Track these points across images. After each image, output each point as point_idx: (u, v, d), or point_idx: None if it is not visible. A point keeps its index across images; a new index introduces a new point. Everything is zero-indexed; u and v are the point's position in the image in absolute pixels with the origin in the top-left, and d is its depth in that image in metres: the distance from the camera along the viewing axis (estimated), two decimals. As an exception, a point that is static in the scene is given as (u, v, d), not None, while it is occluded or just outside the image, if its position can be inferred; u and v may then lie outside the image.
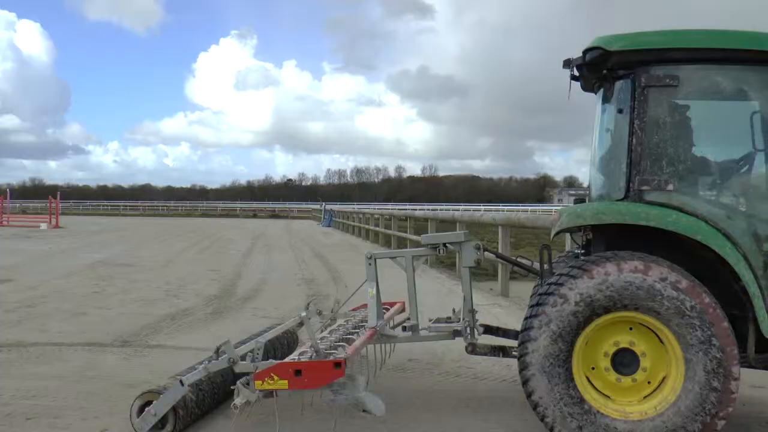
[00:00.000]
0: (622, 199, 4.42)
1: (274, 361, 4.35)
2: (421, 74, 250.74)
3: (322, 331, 5.41)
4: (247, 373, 4.29)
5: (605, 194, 4.79)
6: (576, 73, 4.86)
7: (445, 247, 5.33)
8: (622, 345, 4.18)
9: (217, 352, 4.43)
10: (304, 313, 4.70)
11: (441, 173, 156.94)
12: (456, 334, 5.21)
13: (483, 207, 65.38)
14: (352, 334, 5.19)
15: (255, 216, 74.57)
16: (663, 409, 4.01)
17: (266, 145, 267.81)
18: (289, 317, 9.02)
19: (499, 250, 11.98)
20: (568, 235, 9.38)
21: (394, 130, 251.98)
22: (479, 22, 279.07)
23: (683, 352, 3.97)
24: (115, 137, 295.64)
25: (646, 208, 4.26)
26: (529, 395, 4.14)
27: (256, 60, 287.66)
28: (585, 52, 4.61)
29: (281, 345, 5.80)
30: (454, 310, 5.53)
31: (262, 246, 24.56)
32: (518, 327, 5.52)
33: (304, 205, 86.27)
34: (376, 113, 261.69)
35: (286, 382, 4.13)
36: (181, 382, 4.32)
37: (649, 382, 4.16)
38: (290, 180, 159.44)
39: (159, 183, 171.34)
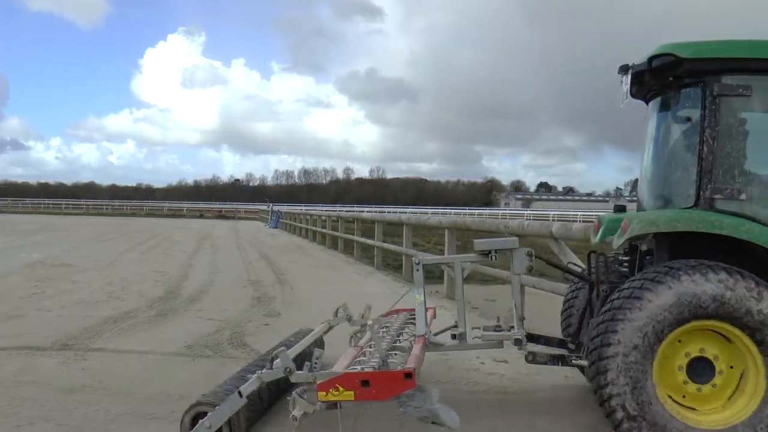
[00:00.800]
0: (690, 207, 4.40)
1: (334, 371, 4.15)
2: (370, 76, 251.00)
3: (359, 339, 5.19)
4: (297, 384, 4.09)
5: (664, 203, 4.74)
6: (629, 80, 4.75)
7: (497, 253, 5.18)
8: (717, 366, 4.16)
9: (272, 360, 4.24)
10: (370, 321, 4.48)
11: (389, 176, 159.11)
12: (517, 342, 5.03)
13: (430, 210, 65.78)
14: (397, 341, 5.03)
15: (202, 216, 73.57)
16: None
17: (213, 145, 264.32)
18: (234, 319, 9.00)
19: (446, 253, 12.12)
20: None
21: (342, 132, 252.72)
22: (429, 26, 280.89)
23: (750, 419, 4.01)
24: (58, 133, 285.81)
25: (719, 216, 4.24)
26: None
27: (204, 57, 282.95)
28: (651, 58, 4.53)
29: (310, 352, 5.65)
30: (499, 318, 5.38)
31: (208, 247, 24.24)
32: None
33: (251, 206, 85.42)
34: (324, 114, 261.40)
35: (353, 393, 3.89)
36: (239, 393, 4.09)
37: (683, 399, 4.19)
38: (237, 180, 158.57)
39: (103, 181, 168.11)
